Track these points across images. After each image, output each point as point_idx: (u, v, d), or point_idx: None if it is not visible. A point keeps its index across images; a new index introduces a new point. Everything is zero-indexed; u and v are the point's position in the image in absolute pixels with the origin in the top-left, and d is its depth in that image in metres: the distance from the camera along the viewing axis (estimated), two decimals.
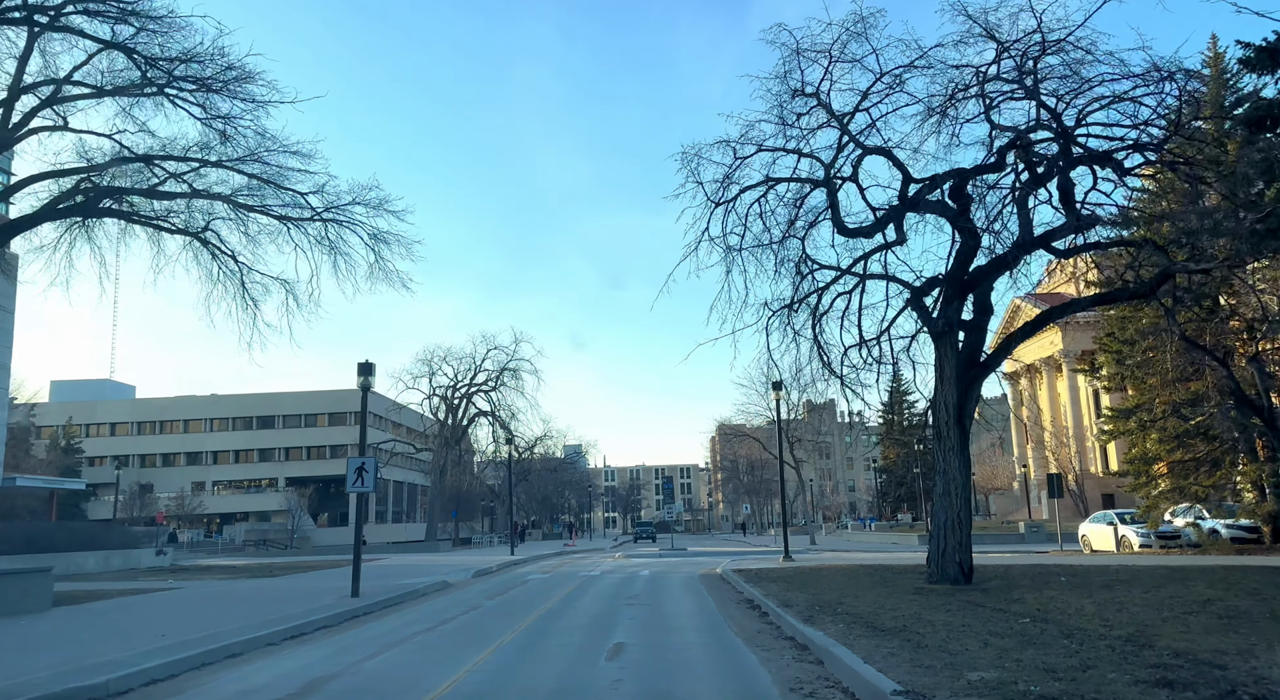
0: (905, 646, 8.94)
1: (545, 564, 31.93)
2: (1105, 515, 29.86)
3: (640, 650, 10.50)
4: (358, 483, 19.11)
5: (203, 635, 12.39)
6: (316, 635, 13.25)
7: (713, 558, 33.27)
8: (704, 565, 28.18)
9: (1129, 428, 25.62)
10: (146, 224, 19.89)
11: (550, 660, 9.95)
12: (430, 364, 57.43)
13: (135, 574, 29.07)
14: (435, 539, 57.36)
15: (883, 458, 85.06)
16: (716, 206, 15.96)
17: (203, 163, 18.79)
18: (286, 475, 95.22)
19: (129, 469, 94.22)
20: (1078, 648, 8.52)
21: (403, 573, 26.82)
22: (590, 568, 28.36)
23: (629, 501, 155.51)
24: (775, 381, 27.25)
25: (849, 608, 12.76)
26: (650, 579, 23.11)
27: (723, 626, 12.70)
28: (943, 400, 15.74)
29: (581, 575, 24.94)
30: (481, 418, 60.87)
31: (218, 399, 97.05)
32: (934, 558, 15.93)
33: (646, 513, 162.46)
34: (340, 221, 18.80)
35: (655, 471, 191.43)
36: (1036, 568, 19.92)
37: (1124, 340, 24.75)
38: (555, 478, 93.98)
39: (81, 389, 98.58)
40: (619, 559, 34.00)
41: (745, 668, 9.22)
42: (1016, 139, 14.78)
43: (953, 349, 15.71)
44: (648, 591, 19.19)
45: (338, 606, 16.57)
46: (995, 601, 12.91)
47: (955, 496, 15.62)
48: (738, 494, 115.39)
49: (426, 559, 37.02)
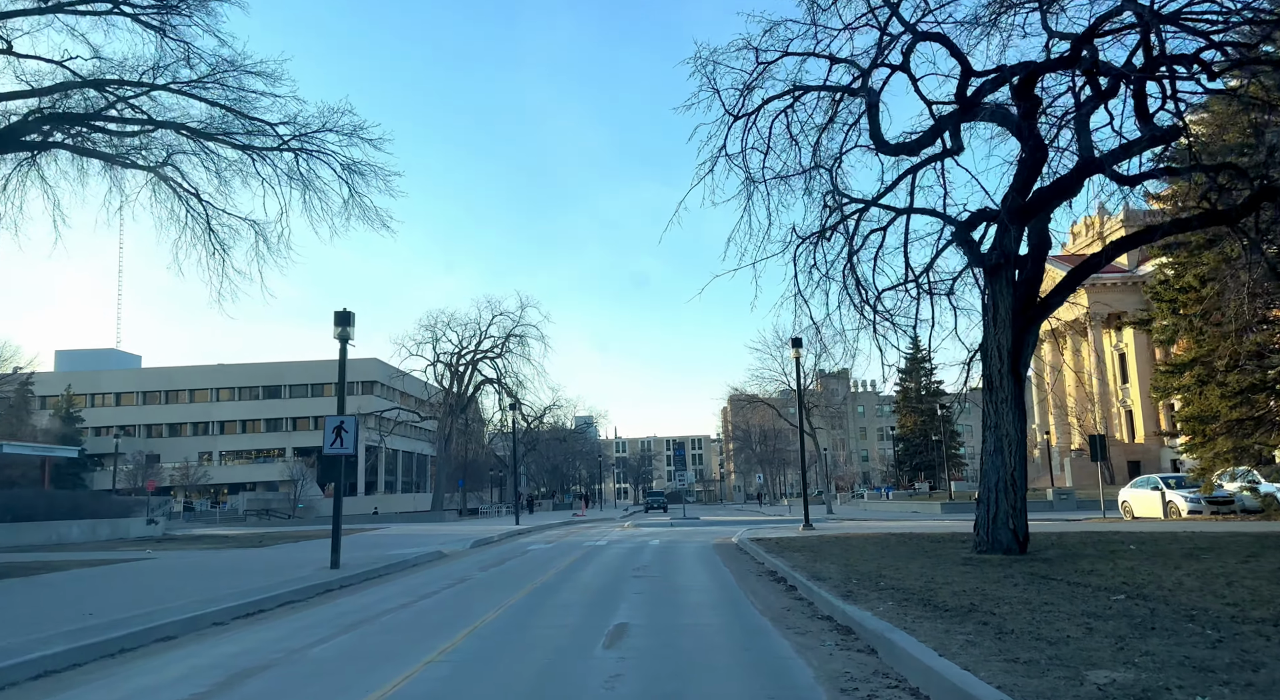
0: (984, 632, 7.01)
1: (550, 534, 30.24)
2: (1148, 480, 27.82)
3: (646, 634, 8.62)
4: (336, 444, 17.27)
5: (141, 613, 10.62)
6: (275, 613, 11.46)
7: (727, 527, 31.50)
8: (718, 534, 26.39)
9: (1184, 383, 23.48)
10: (101, 158, 17.91)
11: (535, 648, 8.07)
12: (434, 330, 55.69)
13: (116, 544, 27.56)
14: (442, 509, 55.98)
15: (899, 426, 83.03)
16: (735, 120, 13.78)
17: (153, 87, 16.75)
18: (294, 445, 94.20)
19: (135, 439, 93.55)
20: (1216, 635, 6.56)
21: (399, 543, 25.15)
22: (597, 537, 26.62)
23: (640, 472, 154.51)
24: (794, 338, 25.22)
25: (894, 581, 10.85)
26: (660, 549, 21.31)
27: (744, 603, 10.82)
28: (995, 345, 13.70)
29: (586, 545, 23.17)
30: (488, 385, 59.22)
31: (224, 368, 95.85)
32: (983, 523, 13.98)
33: (658, 483, 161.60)
34: (310, 151, 16.78)
35: (666, 442, 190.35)
36: (1092, 535, 17.95)
37: (1180, 288, 22.56)
38: (564, 448, 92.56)
39: (86, 359, 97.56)
40: (628, 528, 32.29)
41: (777, 657, 7.31)
42: (1093, 29, 12.52)
43: (1008, 286, 13.64)
44: (657, 562, 17.36)
45: (312, 579, 14.86)
46: (1065, 573, 10.97)
47: (1009, 454, 13.63)
48: (750, 464, 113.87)
49: (429, 529, 35.44)
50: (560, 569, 16.46)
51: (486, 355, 57.99)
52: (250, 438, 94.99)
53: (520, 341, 58.12)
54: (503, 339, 57.53)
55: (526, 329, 57.54)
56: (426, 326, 55.46)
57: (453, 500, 68.02)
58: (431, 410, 57.73)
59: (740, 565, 16.28)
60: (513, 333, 57.32)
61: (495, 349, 57.89)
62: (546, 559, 19.13)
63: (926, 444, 78.18)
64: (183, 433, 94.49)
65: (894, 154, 13.91)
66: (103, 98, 17.14)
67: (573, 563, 17.85)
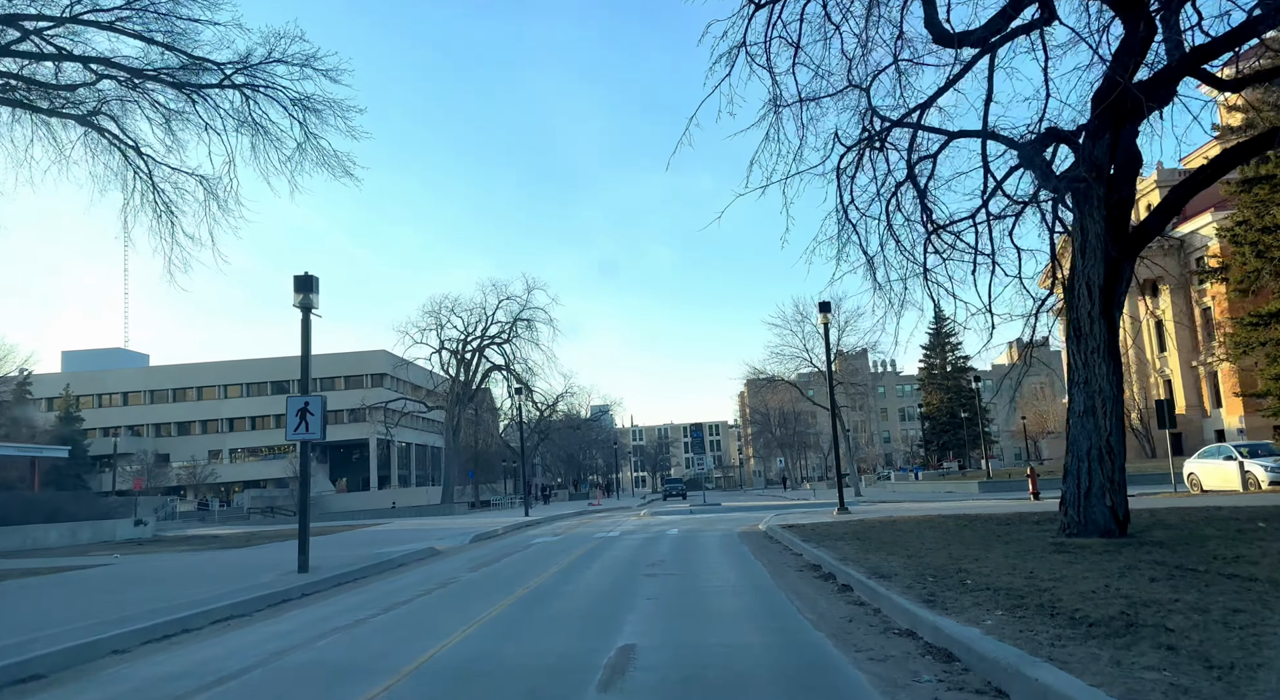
0: (1182, 665, 4.52)
1: (560, 525, 27.91)
2: (1220, 449, 25.11)
3: (659, 664, 6.17)
4: (300, 429, 14.96)
5: (19, 641, 8.33)
6: (199, 635, 9.13)
7: (751, 513, 29.06)
8: (743, 522, 23.96)
9: (1269, 337, 20.73)
10: (27, 108, 15.59)
11: (496, 695, 5.65)
12: (438, 316, 53.35)
13: (93, 548, 25.47)
14: (452, 502, 53.90)
15: (924, 404, 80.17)
16: (758, 10, 11.15)
17: (74, 20, 14.37)
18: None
19: (144, 438, 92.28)
20: None
21: (392, 539, 22.91)
22: (609, 528, 24.26)
23: (657, 460, 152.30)
24: (822, 302, 22.65)
25: (981, 577, 8.36)
26: (679, 539, 18.90)
27: (789, 610, 8.36)
28: (1083, 281, 11.15)
29: (597, 537, 20.80)
30: (496, 373, 56.93)
31: (231, 365, 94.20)
32: (1073, 500, 11.45)
33: (676, 471, 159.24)
34: (257, 86, 14.35)
35: (684, 429, 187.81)
36: (1192, 512, 15.36)
37: (1263, 228, 19.78)
38: (579, 437, 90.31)
39: (93, 359, 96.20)
40: (644, 517, 29.94)
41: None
42: None
43: (1098, 207, 11.05)
44: (676, 556, 14.94)
45: (271, 587, 12.57)
46: (1202, 562, 8.44)
47: (1104, 415, 11.08)
48: (769, 448, 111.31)
49: (432, 523, 33.23)
50: (562, 567, 14.08)
51: (493, 341, 55.72)
52: (260, 435, 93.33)
53: (528, 326, 55.82)
54: (509, 324, 55.25)
55: (534, 313, 55.21)
56: (430, 312, 53.26)
57: (464, 493, 66.03)
58: (438, 400, 55.54)
59: (775, 558, 13.83)
60: (520, 317, 55.02)
61: (502, 335, 55.61)
62: (549, 554, 16.76)
63: (953, 422, 75.31)
64: (192, 431, 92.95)
65: (957, 44, 11.26)
66: (16, 33, 14.78)
67: (577, 559, 15.46)
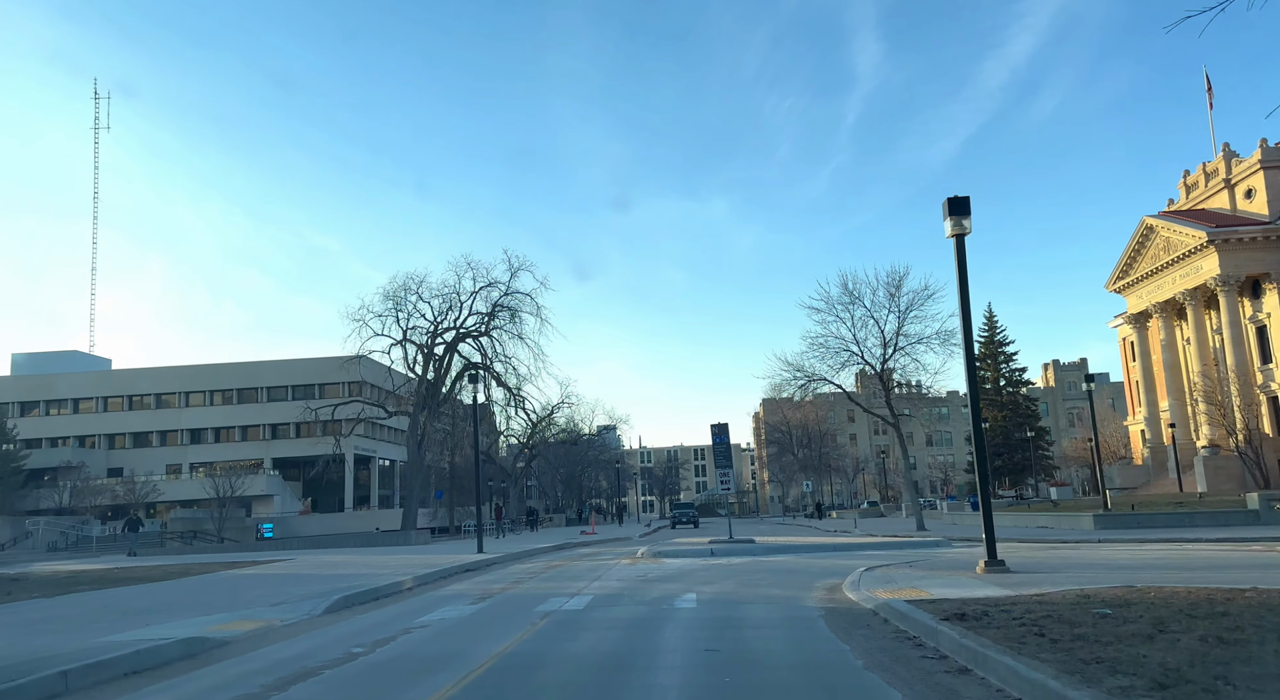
0: None
1: (510, 574, 18.20)
2: None
3: None
4: None
5: None
6: None
7: (805, 557, 19.29)
8: (802, 575, 14.30)
9: None
10: None
11: None
12: (397, 300, 43.75)
13: None
14: (413, 528, 44.15)
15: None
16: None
17: None
18: (274, 455, 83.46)
19: (95, 451, 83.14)
20: None
21: (183, 602, 13.34)
22: (577, 586, 14.40)
23: (666, 483, 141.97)
24: (955, 198, 13.03)
25: None
26: (702, 631, 9.15)
27: None
28: None
29: (537, 614, 10.95)
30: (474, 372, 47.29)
31: (193, 370, 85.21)
32: None
33: (686, 494, 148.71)
34: None
35: (694, 451, 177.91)
36: None
37: None
38: (577, 453, 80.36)
39: (46, 362, 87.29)
40: (641, 560, 20.16)
41: None
42: None
43: None
44: None
45: None
46: None
47: None
48: (790, 471, 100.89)
49: (346, 561, 23.55)
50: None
51: (471, 334, 46.20)
52: (224, 448, 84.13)
53: (512, 316, 46.25)
54: (487, 313, 45.70)
55: (518, 300, 45.65)
56: (388, 296, 43.65)
57: (437, 516, 56.29)
58: (401, 404, 46.02)
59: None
60: (500, 304, 45.43)
61: (480, 326, 46.08)
62: (381, 681, 7.06)
63: (1008, 443, 65.01)
64: (149, 442, 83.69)
65: None
66: None
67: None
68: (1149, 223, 60.51)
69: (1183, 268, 57.56)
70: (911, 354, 34.85)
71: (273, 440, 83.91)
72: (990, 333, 66.81)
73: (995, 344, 67.18)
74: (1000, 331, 67.14)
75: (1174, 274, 58.65)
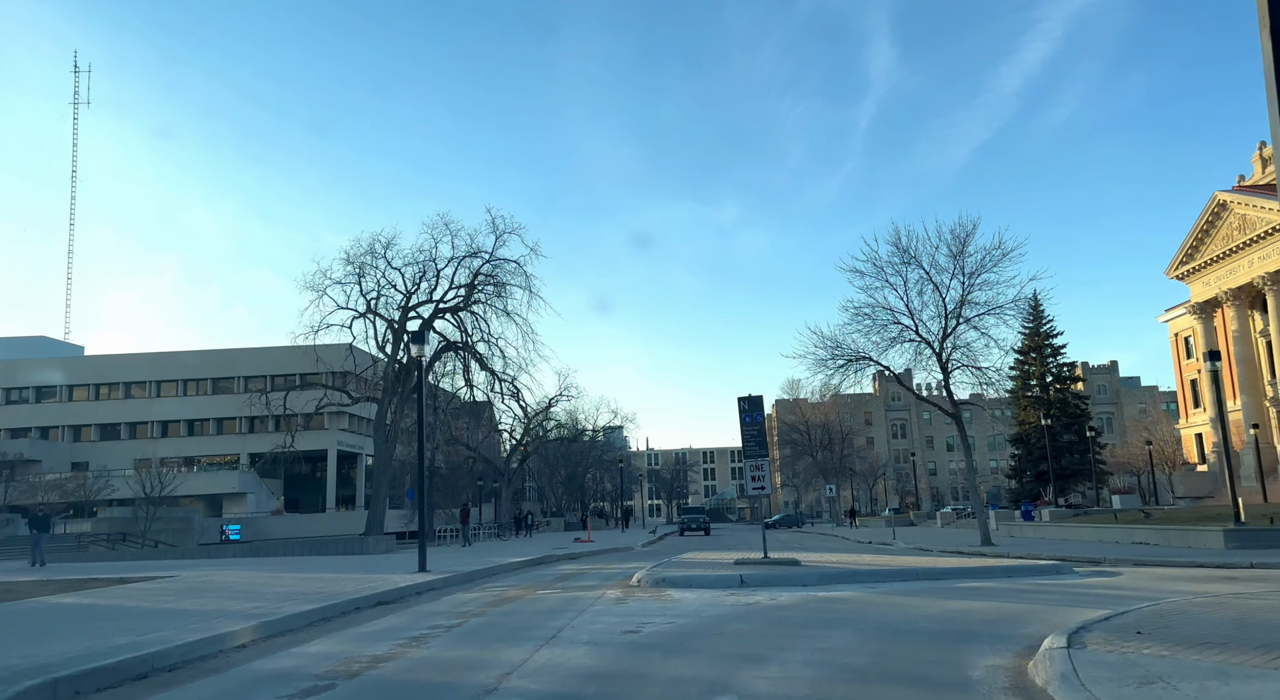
0: None
1: (435, 613, 11.81)
2: None
3: None
4: None
5: None
6: None
7: (878, 589, 12.86)
8: (930, 645, 7.93)
9: None
10: None
11: None
12: (360, 266, 37.34)
13: None
14: (378, 532, 37.79)
15: (1017, 423, 63.02)
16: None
17: None
18: (250, 450, 77.19)
19: (59, 443, 77.21)
20: None
21: None
22: (504, 660, 7.84)
23: (674, 486, 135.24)
24: None
25: None
26: None
27: None
28: None
29: None
30: (451, 354, 41.00)
31: (165, 357, 79.13)
32: None
33: (694, 498, 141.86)
34: None
35: (703, 454, 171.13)
36: None
37: None
38: (579, 452, 73.72)
39: (9, 348, 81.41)
40: (637, 591, 13.61)
41: None
42: None
43: None
44: None
45: None
46: None
47: None
48: (805, 476, 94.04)
49: (234, 581, 17.18)
50: None
51: (449, 309, 39.79)
52: (198, 442, 78.15)
53: (498, 290, 39.88)
54: (468, 284, 39.26)
55: (505, 270, 39.32)
56: (350, 260, 37.22)
57: (414, 518, 49.69)
58: (367, 389, 39.68)
59: None
60: (483, 272, 38.99)
61: (459, 300, 39.67)
62: None
63: (1056, 447, 58.00)
64: (118, 435, 77.63)
65: None
66: None
67: None
68: (1221, 198, 53.69)
69: (1262, 248, 50.75)
70: (980, 327, 28.20)
71: (249, 434, 77.49)
72: (1036, 322, 59.99)
73: (1041, 335, 60.38)
74: (1047, 322, 60.34)
75: (1251, 256, 51.82)
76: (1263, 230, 50.33)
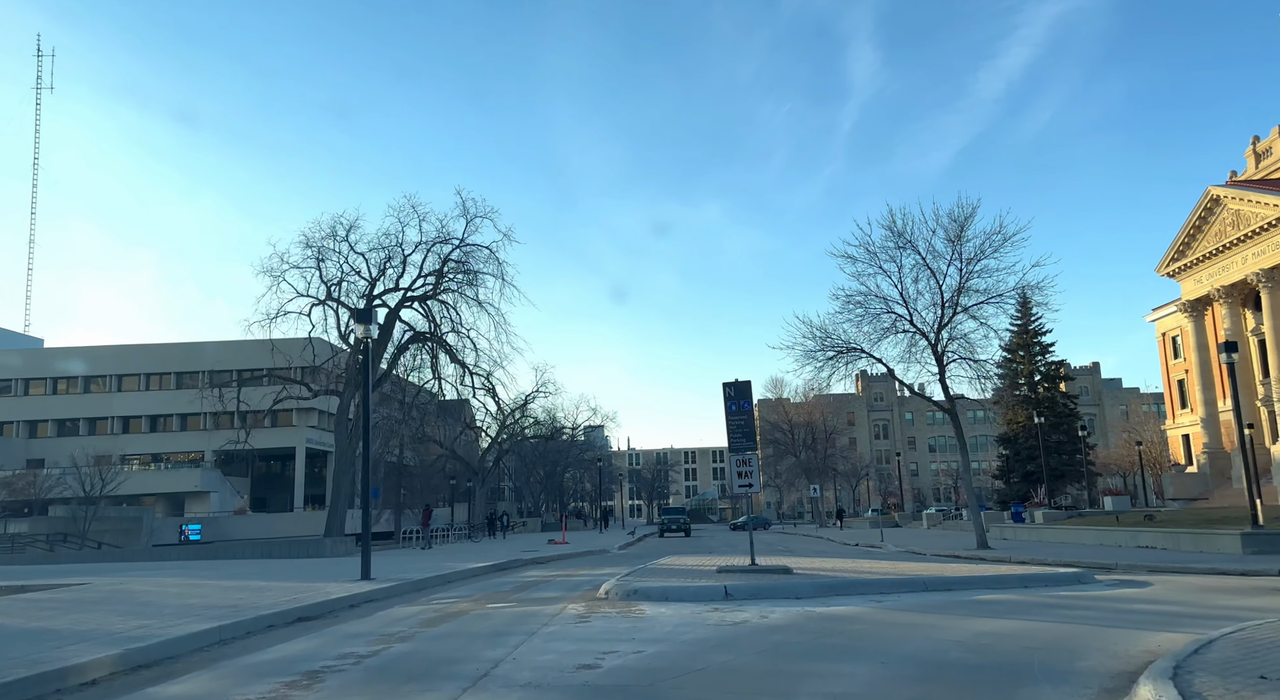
0: None
1: (357, 634, 9.87)
2: None
3: None
4: None
5: None
6: None
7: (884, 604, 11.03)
8: (971, 688, 5.93)
9: None
10: None
11: None
12: (320, 249, 35.13)
13: None
14: (339, 533, 35.58)
15: (1005, 422, 61.62)
16: None
17: None
18: (215, 447, 74.19)
19: (13, 439, 74.06)
20: None
21: None
22: None
23: (654, 486, 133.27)
24: None
25: None
26: None
27: None
28: None
29: None
30: (417, 345, 38.83)
31: (126, 350, 76.20)
32: None
33: (675, 499, 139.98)
34: None
35: (684, 454, 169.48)
36: None
37: None
38: (557, 451, 71.65)
39: None
40: (604, 606, 11.63)
41: None
42: None
43: None
44: None
45: None
46: None
47: None
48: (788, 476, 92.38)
49: (147, 590, 15.08)
50: None
51: (416, 297, 37.65)
52: (161, 438, 75.27)
53: (470, 278, 37.77)
54: (437, 270, 37.11)
55: (477, 256, 37.21)
56: (309, 243, 35.01)
57: (381, 519, 47.59)
58: (326, 382, 37.45)
59: None
60: (453, 259, 36.87)
61: (428, 288, 37.52)
62: None
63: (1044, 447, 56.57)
64: (76, 432, 74.51)
65: None
66: None
67: None
68: (1215, 193, 52.50)
69: (1257, 244, 49.58)
70: (979, 316, 26.48)
71: (215, 430, 74.50)
72: (1024, 319, 58.52)
73: (1030, 332, 58.95)
74: (1036, 319, 58.79)
75: (1245, 252, 50.65)
76: (1258, 226, 49.16)
